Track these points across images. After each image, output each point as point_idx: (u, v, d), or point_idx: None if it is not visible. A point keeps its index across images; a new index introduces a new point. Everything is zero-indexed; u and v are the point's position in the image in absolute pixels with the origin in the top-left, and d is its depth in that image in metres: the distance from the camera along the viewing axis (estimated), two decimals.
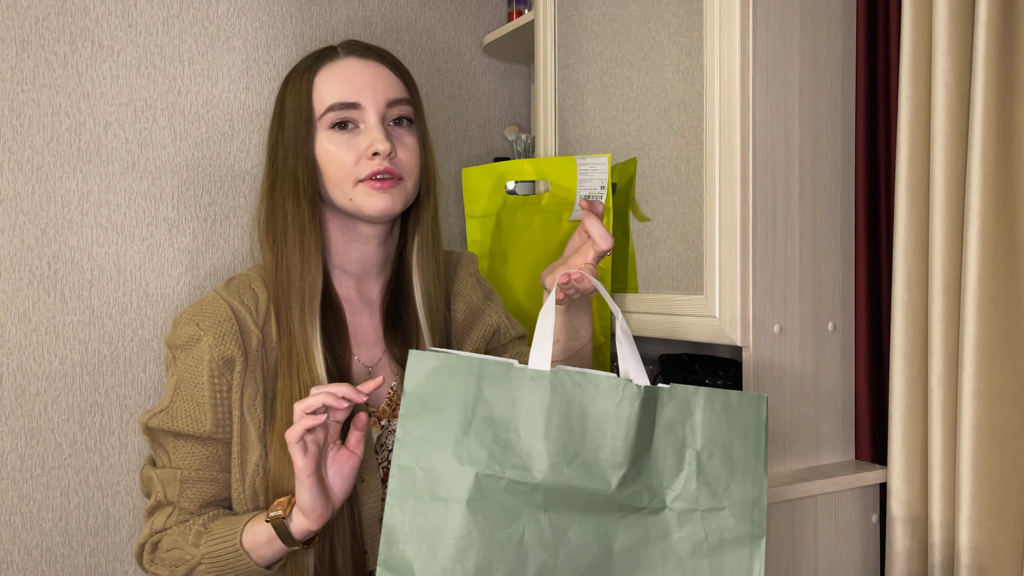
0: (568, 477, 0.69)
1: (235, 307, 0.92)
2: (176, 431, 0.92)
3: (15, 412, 1.34)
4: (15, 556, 1.34)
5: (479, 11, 1.78)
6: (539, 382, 0.71)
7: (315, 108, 0.93)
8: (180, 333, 0.92)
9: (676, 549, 0.70)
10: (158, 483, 0.93)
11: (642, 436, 0.71)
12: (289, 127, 0.94)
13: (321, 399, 0.78)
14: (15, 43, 1.34)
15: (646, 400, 0.71)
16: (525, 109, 1.85)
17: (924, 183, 1.05)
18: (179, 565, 0.90)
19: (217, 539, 0.88)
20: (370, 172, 0.91)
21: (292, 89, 0.95)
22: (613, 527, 0.70)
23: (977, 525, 0.97)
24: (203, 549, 0.88)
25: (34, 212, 1.36)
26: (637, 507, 0.70)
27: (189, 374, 0.91)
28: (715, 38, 1.09)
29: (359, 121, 0.93)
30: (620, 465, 0.70)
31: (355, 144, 0.92)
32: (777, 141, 1.09)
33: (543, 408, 0.70)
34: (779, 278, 1.09)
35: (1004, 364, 0.97)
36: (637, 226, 1.27)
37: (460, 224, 1.76)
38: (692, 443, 0.72)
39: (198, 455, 0.92)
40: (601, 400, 0.70)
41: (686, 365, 1.36)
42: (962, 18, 0.99)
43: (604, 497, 0.70)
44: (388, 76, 0.95)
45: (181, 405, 0.91)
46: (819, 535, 1.09)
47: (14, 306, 1.34)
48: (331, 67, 0.94)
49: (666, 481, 0.71)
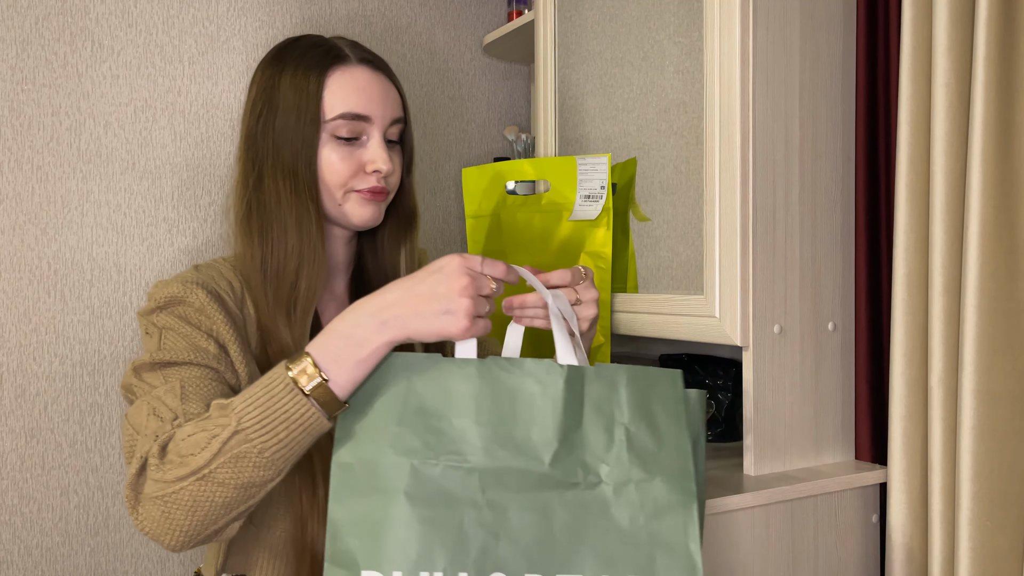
0: (502, 459, 0.71)
1: (212, 285, 0.89)
2: (169, 361, 0.83)
3: (15, 412, 1.34)
4: (15, 556, 1.34)
5: (479, 11, 1.78)
6: (466, 370, 0.73)
7: (324, 111, 0.92)
8: (160, 296, 0.87)
9: (615, 521, 0.72)
10: (148, 405, 0.80)
11: (571, 414, 0.73)
12: (288, 121, 0.92)
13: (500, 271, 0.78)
14: (15, 43, 1.34)
15: (571, 379, 0.73)
16: (525, 109, 1.85)
17: (924, 183, 1.05)
18: (199, 451, 0.72)
19: (252, 389, 0.73)
20: (367, 187, 0.93)
21: (295, 83, 0.92)
22: (552, 505, 0.72)
23: (977, 525, 0.97)
24: (238, 408, 0.72)
25: (34, 212, 1.36)
26: (573, 483, 0.72)
27: (176, 322, 0.85)
28: (715, 38, 1.09)
29: (363, 134, 0.94)
30: (551, 443, 0.72)
31: (356, 156, 0.93)
32: (777, 141, 1.09)
33: (472, 395, 0.73)
34: (779, 278, 1.09)
35: (1004, 364, 0.97)
36: (637, 226, 1.27)
37: (460, 224, 1.76)
38: (620, 418, 0.74)
39: (198, 373, 0.82)
40: (528, 382, 0.73)
41: (686, 365, 1.36)
42: (962, 18, 0.99)
43: (539, 475, 0.71)
44: (394, 93, 0.97)
45: (174, 343, 0.84)
46: (819, 535, 1.09)
47: (14, 306, 1.34)
48: (345, 73, 0.93)
49: (599, 456, 0.73)
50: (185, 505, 0.72)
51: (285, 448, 0.72)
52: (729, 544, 1.01)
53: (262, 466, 0.72)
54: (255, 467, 0.72)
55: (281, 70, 0.94)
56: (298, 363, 0.73)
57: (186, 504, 0.72)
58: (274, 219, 0.91)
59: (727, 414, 1.31)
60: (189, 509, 0.72)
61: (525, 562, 0.70)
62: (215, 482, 0.72)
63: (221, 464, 0.71)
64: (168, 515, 0.73)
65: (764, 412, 1.09)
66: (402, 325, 0.73)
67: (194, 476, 0.71)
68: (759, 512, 1.03)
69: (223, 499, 0.72)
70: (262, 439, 0.71)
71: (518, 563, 0.70)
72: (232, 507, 0.74)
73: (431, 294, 0.73)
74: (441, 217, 1.74)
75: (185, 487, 0.72)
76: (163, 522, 0.73)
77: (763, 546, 1.04)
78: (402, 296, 0.74)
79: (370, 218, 0.95)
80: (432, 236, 1.73)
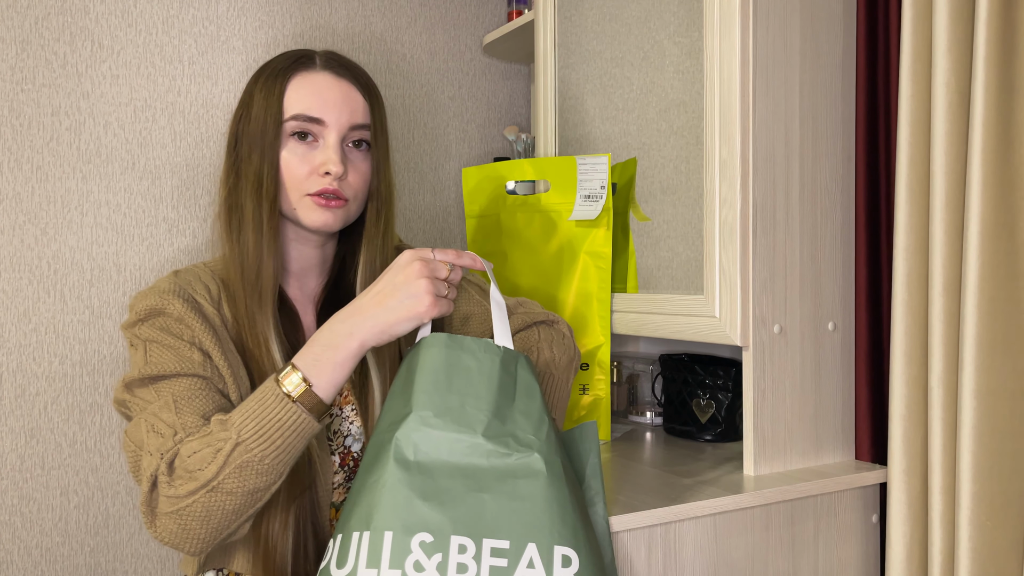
0: (436, 426, 0.76)
1: (189, 292, 0.93)
2: (157, 375, 0.86)
3: (15, 412, 1.34)
4: (15, 556, 1.34)
5: (479, 11, 1.78)
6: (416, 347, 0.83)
7: (284, 112, 0.95)
8: (140, 308, 0.90)
9: (543, 491, 0.76)
10: (146, 423, 0.84)
11: (504, 391, 0.80)
12: (256, 123, 0.95)
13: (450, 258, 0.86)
14: (15, 43, 1.34)
15: (506, 360, 0.81)
16: (525, 109, 1.85)
17: (924, 183, 1.05)
18: (206, 465, 0.78)
19: (247, 404, 0.80)
20: (319, 189, 0.95)
21: (264, 87, 0.96)
22: (481, 472, 0.76)
23: (977, 525, 0.97)
24: (236, 422, 0.78)
25: (34, 212, 1.36)
26: (504, 453, 0.76)
27: (158, 334, 0.88)
28: (715, 38, 1.09)
29: (319, 136, 0.96)
30: (484, 415, 0.77)
31: (311, 158, 0.95)
32: (777, 141, 1.09)
33: (416, 367, 0.80)
34: (779, 278, 1.09)
35: (1004, 364, 0.97)
36: (637, 226, 1.27)
37: (460, 224, 1.76)
38: (539, 402, 0.81)
39: (187, 384, 0.86)
40: (465, 357, 0.80)
41: (686, 365, 1.36)
42: (962, 18, 0.99)
43: (471, 444, 0.76)
44: (357, 99, 0.97)
45: (160, 356, 0.87)
46: (819, 535, 1.09)
47: (14, 306, 1.34)
48: (305, 77, 0.96)
49: (530, 432, 0.78)
50: (199, 516, 0.78)
51: (283, 453, 0.79)
52: (729, 544, 1.01)
53: (264, 472, 0.78)
54: (258, 474, 0.78)
55: (257, 77, 0.98)
56: (285, 374, 0.81)
57: (199, 515, 0.78)
58: (242, 219, 0.95)
59: (727, 414, 1.31)
60: (203, 519, 0.79)
61: (451, 524, 0.72)
62: (224, 492, 0.78)
63: (227, 475, 0.77)
64: (184, 527, 0.79)
65: (764, 412, 1.09)
66: (372, 323, 0.81)
67: (204, 489, 0.78)
68: (759, 512, 1.03)
69: (233, 506, 0.79)
70: (261, 448, 0.78)
71: (444, 525, 0.72)
72: (241, 512, 0.80)
73: (392, 287, 0.82)
74: (441, 217, 1.74)
75: (197, 499, 0.78)
76: (180, 533, 0.80)
77: (763, 546, 1.04)
78: (368, 298, 0.83)
79: (321, 223, 0.96)
80: (432, 236, 1.73)
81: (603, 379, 1.31)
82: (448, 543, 0.71)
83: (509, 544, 0.73)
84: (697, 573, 0.99)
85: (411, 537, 0.71)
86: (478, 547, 0.72)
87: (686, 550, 0.98)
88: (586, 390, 1.32)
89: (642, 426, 1.45)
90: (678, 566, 0.98)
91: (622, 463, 1.17)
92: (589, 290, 1.30)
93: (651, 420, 1.47)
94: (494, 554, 0.72)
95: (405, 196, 1.69)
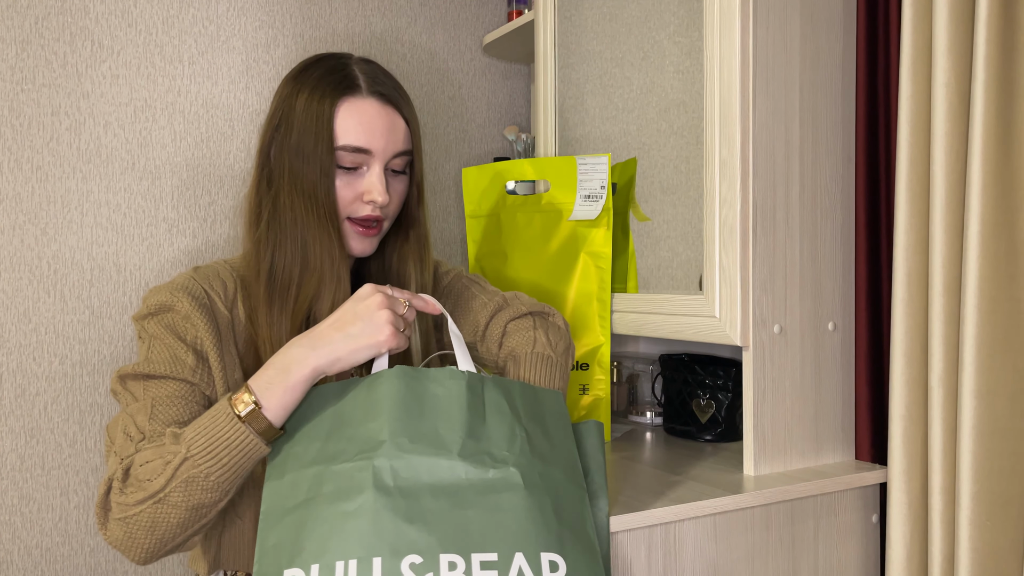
0: (412, 451, 0.77)
1: (205, 288, 0.94)
2: (150, 373, 0.88)
3: (15, 412, 1.34)
4: (15, 556, 1.34)
5: (479, 11, 1.78)
6: (377, 380, 0.83)
7: (335, 138, 0.95)
8: (151, 303, 0.92)
9: (525, 502, 0.77)
10: (122, 422, 0.86)
11: (474, 412, 0.81)
12: (304, 139, 0.94)
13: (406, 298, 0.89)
14: (15, 43, 1.34)
15: (471, 384, 0.83)
16: (525, 109, 1.85)
17: (924, 183, 1.05)
18: (155, 477, 0.80)
19: (201, 420, 0.81)
20: (362, 216, 0.97)
21: (309, 107, 0.95)
22: (463, 490, 0.77)
23: (977, 525, 0.97)
24: (188, 437, 0.80)
25: (34, 212, 1.36)
26: (482, 469, 0.78)
27: (162, 331, 0.90)
28: (715, 38, 1.09)
29: (363, 164, 0.96)
30: (458, 436, 0.79)
31: (355, 185, 0.96)
32: (777, 141, 1.09)
33: (383, 400, 0.80)
34: (779, 278, 1.09)
35: (1004, 364, 0.97)
36: (637, 226, 1.27)
37: (460, 224, 1.76)
38: (518, 420, 0.83)
39: (172, 389, 0.88)
40: (432, 386, 0.82)
41: (686, 365, 1.36)
42: (962, 18, 0.99)
43: (449, 464, 0.77)
44: (400, 127, 0.98)
45: (159, 354, 0.89)
46: (819, 535, 1.09)
47: (14, 306, 1.34)
48: (354, 104, 0.95)
49: (504, 447, 0.80)
50: (144, 525, 0.80)
51: (229, 472, 0.80)
52: (729, 544, 1.01)
53: (209, 489, 0.80)
54: (203, 490, 0.80)
55: (299, 90, 0.97)
56: (238, 394, 0.82)
57: (145, 524, 0.80)
58: (288, 234, 0.95)
59: (727, 414, 1.31)
60: (148, 529, 0.81)
61: (439, 543, 0.73)
62: (169, 504, 0.80)
63: (174, 488, 0.79)
64: (130, 534, 0.81)
65: (764, 412, 1.09)
66: (329, 350, 0.82)
67: (151, 499, 0.80)
68: (759, 512, 1.03)
69: (177, 520, 0.81)
70: (208, 464, 0.79)
71: (432, 545, 0.73)
72: (187, 526, 0.82)
73: (353, 316, 0.84)
74: (441, 217, 1.74)
75: (144, 509, 0.80)
76: (126, 540, 0.81)
77: (763, 546, 1.04)
78: (327, 325, 0.84)
79: (362, 251, 0.99)
80: (432, 236, 1.73)
81: (603, 379, 1.31)
82: (438, 562, 0.72)
83: (497, 556, 0.74)
84: (697, 573, 0.99)
85: (400, 560, 0.71)
86: (468, 562, 0.73)
87: (686, 550, 0.98)
88: (586, 390, 1.32)
89: (642, 426, 1.45)
90: (678, 566, 0.98)
91: (622, 463, 1.17)
92: (589, 290, 1.30)
93: (651, 420, 1.47)
94: (484, 567, 0.73)
95: None
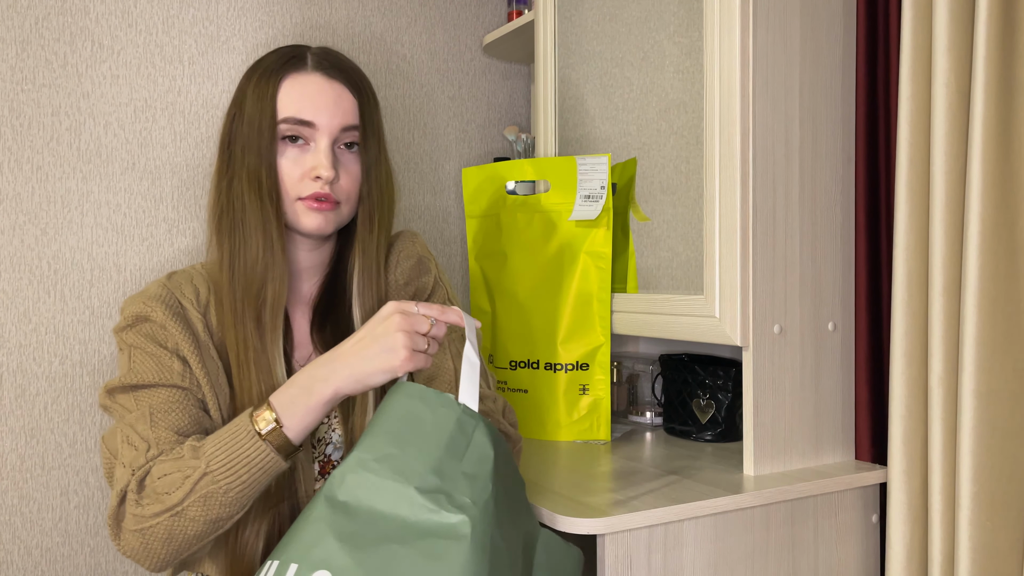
0: (374, 470, 0.75)
1: (177, 296, 0.94)
2: (138, 383, 0.88)
3: (15, 412, 1.34)
4: (15, 556, 1.34)
5: (479, 11, 1.78)
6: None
7: (277, 114, 0.94)
8: (128, 314, 0.93)
9: (464, 557, 0.72)
10: (121, 433, 0.86)
11: (453, 449, 0.77)
12: (250, 124, 0.94)
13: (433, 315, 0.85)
14: (15, 43, 1.34)
15: (463, 420, 0.78)
16: (525, 109, 1.85)
17: (924, 183, 1.05)
18: (173, 490, 0.80)
19: (221, 435, 0.82)
20: (311, 193, 0.95)
21: (257, 87, 0.95)
22: (407, 526, 0.73)
23: (977, 525, 0.97)
24: (207, 452, 0.80)
25: (34, 212, 1.36)
26: (431, 510, 0.73)
27: (143, 340, 0.90)
28: (715, 38, 1.09)
29: (310, 139, 0.95)
30: (425, 470, 0.75)
31: (303, 161, 0.95)
32: (777, 141, 1.09)
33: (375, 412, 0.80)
34: (779, 278, 1.09)
35: (1004, 364, 0.97)
36: (637, 226, 1.27)
37: (460, 224, 1.76)
38: (496, 475, 0.78)
39: (166, 396, 0.88)
40: (420, 407, 0.79)
41: (686, 365, 1.36)
42: (962, 18, 0.99)
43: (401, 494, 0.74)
44: (348, 100, 0.97)
45: (141, 364, 0.89)
46: (819, 535, 1.09)
47: (14, 306, 1.34)
48: (297, 79, 0.95)
49: (468, 495, 0.75)
50: (161, 537, 0.81)
51: (247, 488, 0.81)
52: (729, 544, 1.01)
53: (227, 504, 0.80)
54: (221, 505, 0.81)
55: (251, 76, 0.98)
56: (260, 411, 0.82)
57: (162, 537, 0.81)
58: (239, 223, 0.94)
59: (727, 414, 1.31)
60: (165, 541, 0.81)
61: (356, 569, 0.70)
62: (187, 518, 0.80)
63: (192, 502, 0.80)
64: (147, 546, 0.82)
65: (764, 412, 1.09)
66: (348, 372, 0.81)
67: (169, 513, 0.80)
68: (759, 512, 1.03)
69: (195, 532, 0.81)
70: (227, 480, 0.80)
71: (349, 568, 0.70)
72: (203, 538, 0.83)
73: (371, 337, 0.82)
74: (441, 217, 1.74)
75: (161, 522, 0.81)
76: (142, 551, 0.83)
77: (763, 546, 1.04)
78: (349, 346, 0.83)
79: (315, 227, 0.96)
80: (432, 236, 1.73)
81: (603, 379, 1.31)
82: None
83: None
84: (697, 573, 0.99)
85: (312, 573, 0.70)
86: None
87: (686, 550, 0.98)
88: (586, 390, 1.32)
89: (642, 426, 1.45)
90: (678, 566, 0.98)
91: (622, 463, 1.17)
92: (589, 290, 1.30)
93: (651, 420, 1.47)
94: None
95: (405, 196, 1.69)
